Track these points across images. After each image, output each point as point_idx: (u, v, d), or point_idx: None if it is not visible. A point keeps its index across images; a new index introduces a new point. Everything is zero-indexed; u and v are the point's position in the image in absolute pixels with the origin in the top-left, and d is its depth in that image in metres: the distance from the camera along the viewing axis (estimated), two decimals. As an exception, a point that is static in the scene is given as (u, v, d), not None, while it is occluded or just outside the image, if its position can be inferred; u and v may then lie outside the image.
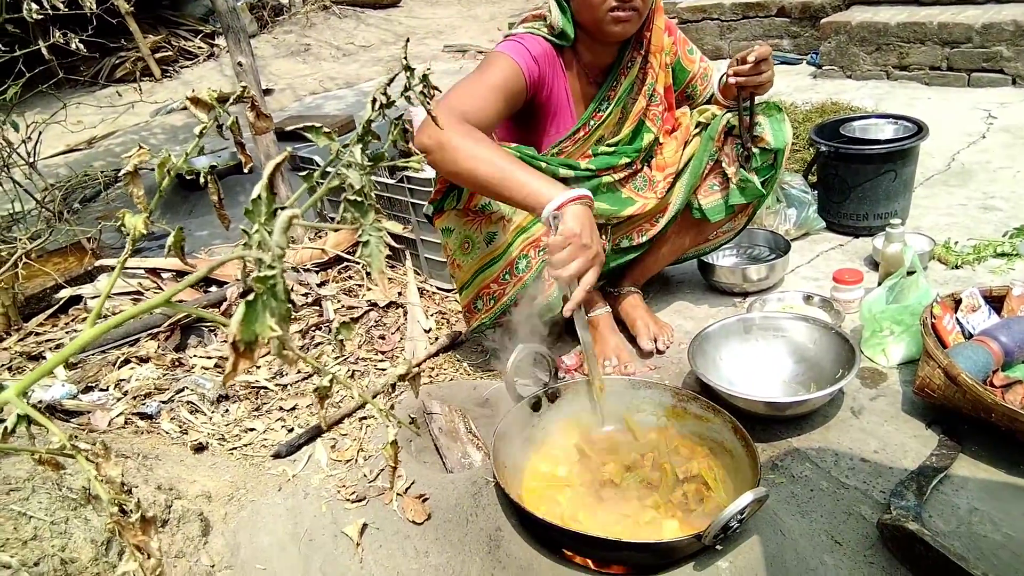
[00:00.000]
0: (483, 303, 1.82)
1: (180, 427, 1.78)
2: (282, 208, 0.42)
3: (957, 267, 2.16)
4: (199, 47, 7.19)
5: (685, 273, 2.36)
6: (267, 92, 6.15)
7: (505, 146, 1.66)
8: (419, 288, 2.39)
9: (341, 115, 5.05)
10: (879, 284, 2.04)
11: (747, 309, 2.06)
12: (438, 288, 2.45)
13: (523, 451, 1.57)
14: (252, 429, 1.78)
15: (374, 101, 0.59)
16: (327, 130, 0.57)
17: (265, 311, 0.38)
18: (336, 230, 2.42)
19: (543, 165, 1.69)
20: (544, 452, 1.60)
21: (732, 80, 1.78)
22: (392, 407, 0.85)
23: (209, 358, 2.06)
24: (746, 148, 1.87)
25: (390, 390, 1.69)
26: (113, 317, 0.51)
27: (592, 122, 1.82)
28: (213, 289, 2.42)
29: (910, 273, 1.83)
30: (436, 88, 0.67)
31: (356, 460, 1.65)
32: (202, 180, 0.59)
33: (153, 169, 0.58)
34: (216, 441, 1.74)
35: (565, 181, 1.73)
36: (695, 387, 1.80)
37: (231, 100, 0.60)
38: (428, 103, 0.66)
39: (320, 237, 2.65)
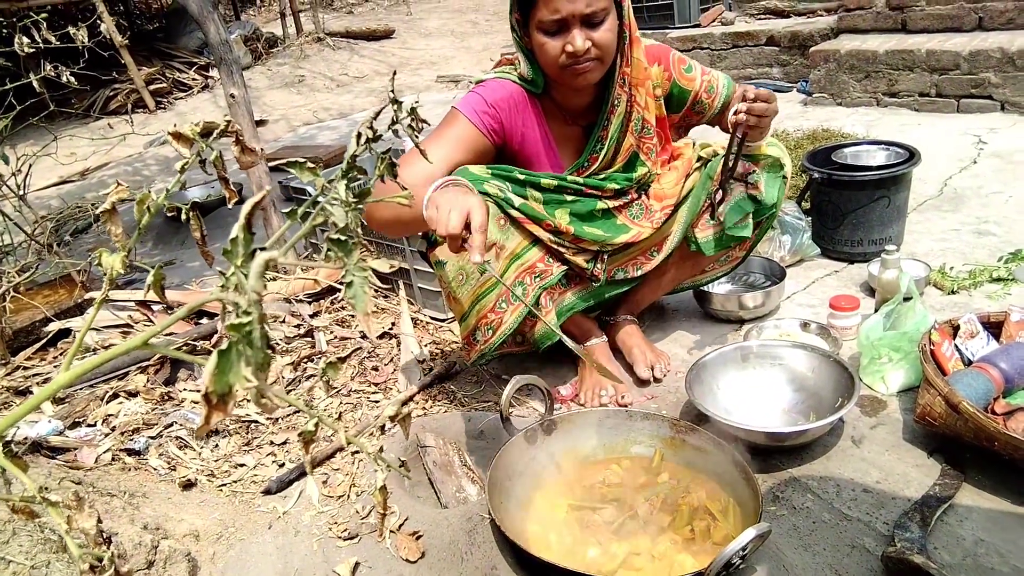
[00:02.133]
0: (482, 334, 1.79)
1: (168, 463, 1.75)
2: (262, 248, 0.40)
3: (953, 292, 2.15)
4: (193, 79, 7.23)
5: (681, 301, 2.35)
6: (261, 123, 6.17)
7: (489, 167, 1.70)
8: (413, 318, 2.37)
9: (335, 145, 5.07)
10: (876, 311, 2.03)
11: (744, 337, 2.04)
12: (432, 318, 2.43)
13: (521, 486, 1.54)
14: (242, 464, 1.74)
15: (359, 136, 0.57)
16: (310, 165, 0.55)
17: (240, 360, 0.36)
18: (307, 268, 2.40)
19: (519, 176, 1.71)
20: (544, 491, 1.56)
21: (731, 117, 1.71)
22: (381, 450, 0.82)
23: (199, 391, 2.03)
24: (723, 188, 1.84)
25: (379, 432, 1.65)
26: (86, 360, 0.49)
27: (588, 163, 1.82)
28: (204, 321, 2.39)
29: (907, 299, 1.82)
30: (424, 121, 0.66)
31: (348, 496, 1.61)
32: (183, 217, 0.57)
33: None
34: (205, 477, 1.70)
35: (553, 191, 1.77)
36: (693, 416, 1.77)
37: (215, 134, 0.58)
38: (416, 136, 0.65)
39: (308, 269, 2.63)
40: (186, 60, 7.36)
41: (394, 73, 0.65)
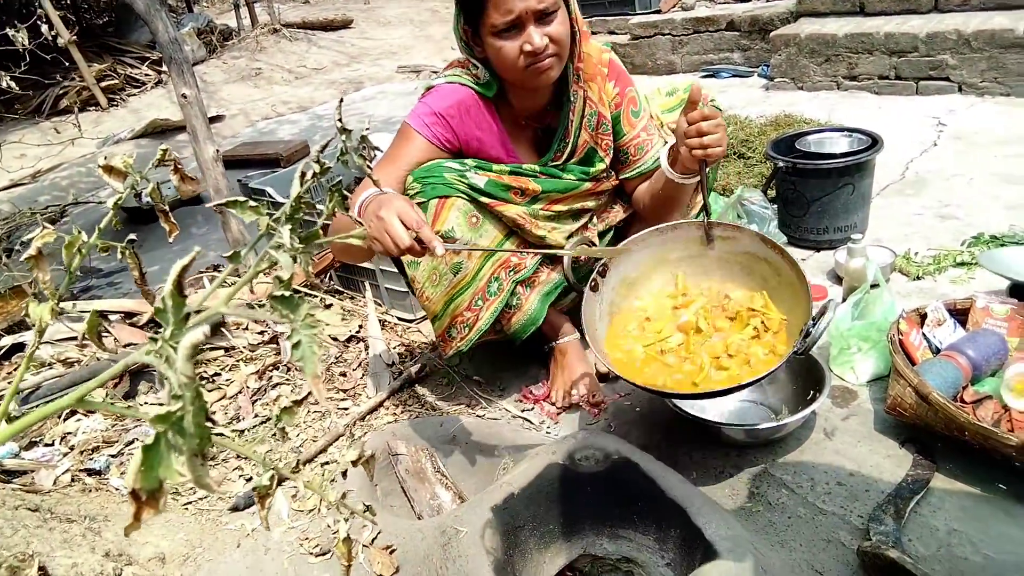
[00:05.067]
0: (457, 331, 1.77)
1: (130, 483, 1.69)
2: (197, 311, 0.36)
3: (919, 278, 2.17)
4: (147, 74, 7.03)
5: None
6: (218, 118, 6.03)
7: (425, 167, 1.70)
8: (380, 320, 2.32)
9: (295, 140, 4.97)
10: (844, 300, 2.03)
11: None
12: (399, 319, 2.39)
13: (602, 329, 1.63)
14: (208, 481, 1.69)
15: (303, 175, 0.53)
16: (252, 204, 0.51)
17: (170, 453, 0.32)
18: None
19: (470, 163, 1.70)
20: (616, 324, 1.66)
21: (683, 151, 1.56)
22: (344, 496, 0.78)
23: (161, 405, 1.96)
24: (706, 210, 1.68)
25: (341, 477, 1.58)
26: (23, 419, 0.45)
27: (552, 161, 1.81)
28: (164, 330, 2.32)
29: (874, 287, 1.83)
30: (376, 148, 0.62)
31: (319, 509, 1.57)
32: (119, 255, 0.53)
33: (101, 202, 0.52)
34: (169, 495, 1.65)
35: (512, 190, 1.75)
36: (667, 412, 1.76)
37: (151, 165, 0.54)
38: (368, 166, 0.61)
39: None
40: (139, 55, 7.15)
41: (340, 101, 0.61)
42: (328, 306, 2.39)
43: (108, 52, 7.06)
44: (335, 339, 2.19)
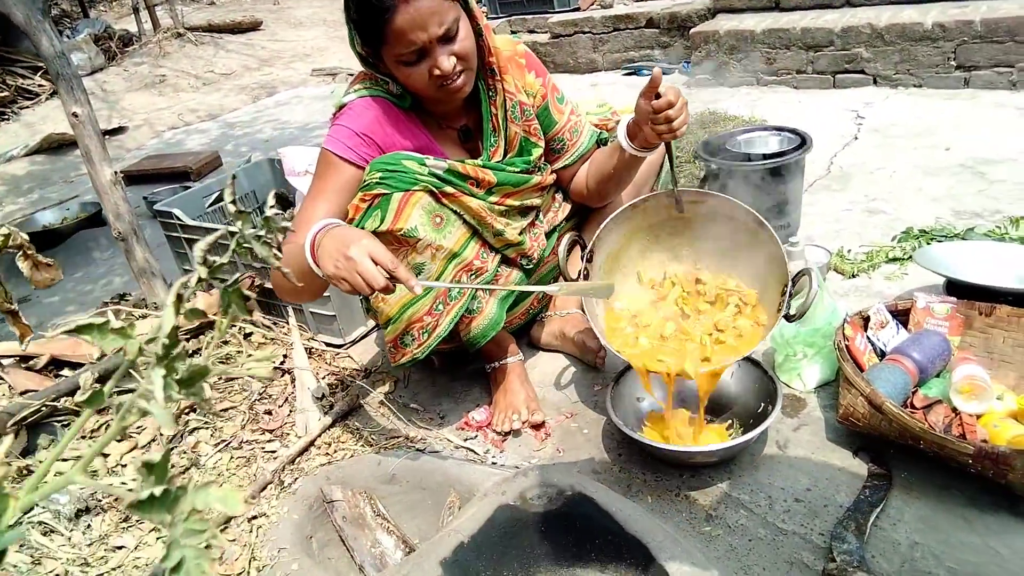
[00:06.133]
0: (413, 336, 1.66)
1: (32, 557, 1.50)
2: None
3: (854, 276, 2.17)
4: (40, 85, 6.57)
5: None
6: (120, 130, 5.69)
7: (384, 156, 1.59)
8: (306, 348, 2.17)
9: (205, 151, 4.70)
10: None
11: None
12: (328, 344, 2.24)
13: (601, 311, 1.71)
14: (121, 547, 1.52)
15: (179, 297, 0.41)
16: (115, 325, 0.40)
17: None
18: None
19: (424, 169, 1.59)
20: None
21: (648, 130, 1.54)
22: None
23: (64, 460, 1.77)
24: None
25: (278, 489, 1.46)
26: None
27: (492, 159, 1.73)
28: (66, 373, 2.11)
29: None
30: (285, 229, 0.51)
31: (247, 572, 1.43)
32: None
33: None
34: (78, 568, 1.48)
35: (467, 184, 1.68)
36: (616, 433, 1.69)
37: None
38: (277, 255, 0.50)
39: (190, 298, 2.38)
40: (30, 64, 6.68)
41: (234, 177, 0.49)
42: (247, 335, 2.23)
43: (-5, 62, 6.57)
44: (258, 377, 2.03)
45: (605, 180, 1.81)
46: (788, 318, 1.49)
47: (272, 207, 0.47)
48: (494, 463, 1.69)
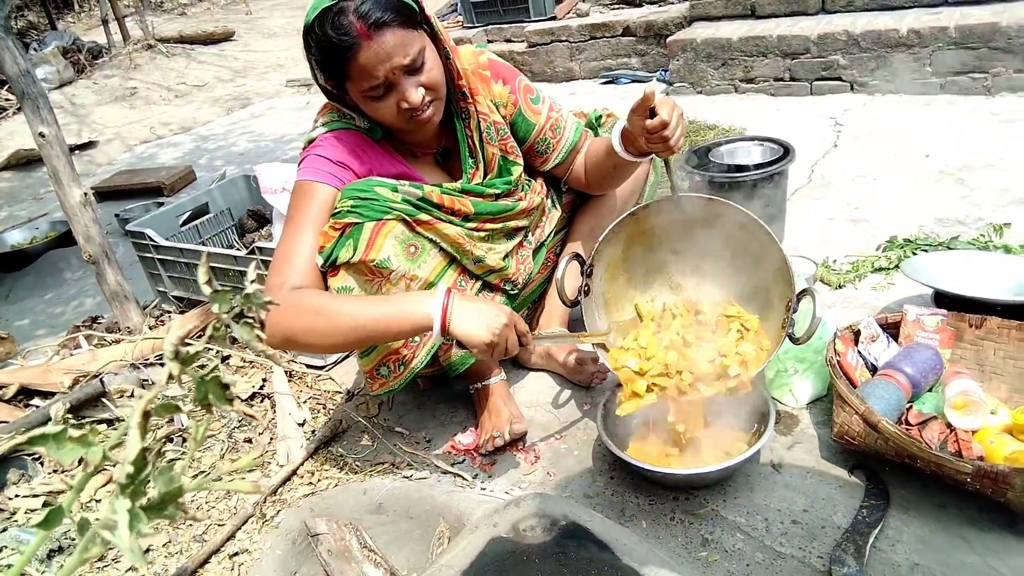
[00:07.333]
0: (389, 368, 1.63)
1: (-1, 601, 1.43)
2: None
3: (840, 287, 2.15)
4: (7, 99, 6.43)
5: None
6: (90, 144, 5.57)
7: (355, 183, 1.53)
8: (286, 372, 2.12)
9: (179, 165, 4.62)
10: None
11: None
12: (308, 367, 2.18)
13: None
14: (95, 588, 1.46)
15: (145, 416, 0.37)
16: (74, 433, 0.35)
17: None
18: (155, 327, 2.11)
19: (396, 196, 1.54)
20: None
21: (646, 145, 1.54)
22: None
23: (36, 496, 1.70)
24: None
25: (260, 525, 1.41)
26: None
27: (472, 181, 1.70)
28: (37, 402, 2.04)
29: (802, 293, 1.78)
30: (266, 306, 0.46)
31: (231, 613, 1.38)
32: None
33: None
34: (49, 614, 1.41)
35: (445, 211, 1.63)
36: (607, 456, 1.66)
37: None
38: (259, 336, 0.46)
39: (164, 322, 2.31)
40: (-6, 78, 6.53)
41: (206, 263, 0.45)
42: (226, 358, 2.16)
43: (-41, 76, 6.42)
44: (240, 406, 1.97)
45: (604, 177, 1.82)
46: (794, 340, 1.46)
47: (252, 282, 0.42)
48: (483, 489, 1.64)
